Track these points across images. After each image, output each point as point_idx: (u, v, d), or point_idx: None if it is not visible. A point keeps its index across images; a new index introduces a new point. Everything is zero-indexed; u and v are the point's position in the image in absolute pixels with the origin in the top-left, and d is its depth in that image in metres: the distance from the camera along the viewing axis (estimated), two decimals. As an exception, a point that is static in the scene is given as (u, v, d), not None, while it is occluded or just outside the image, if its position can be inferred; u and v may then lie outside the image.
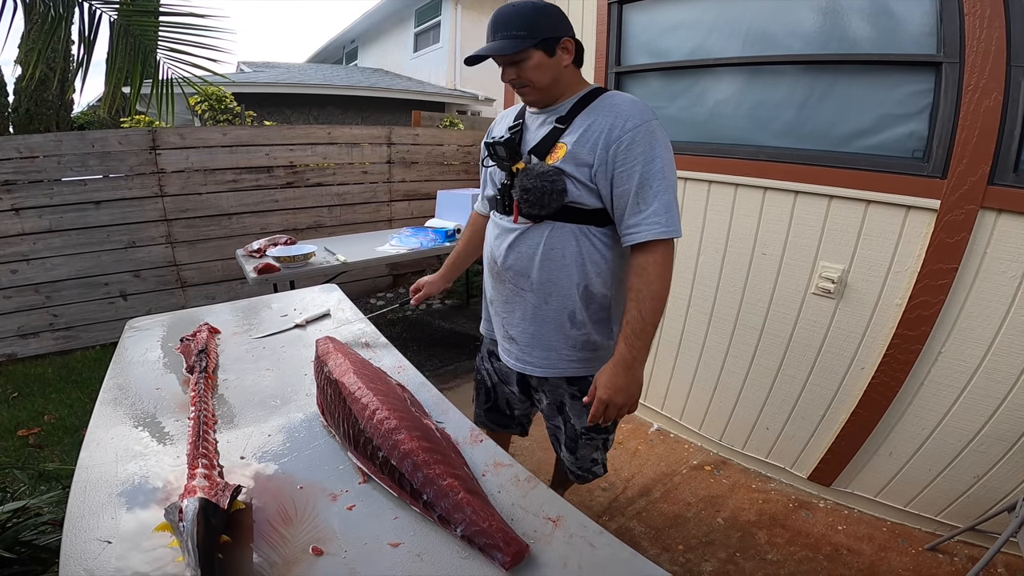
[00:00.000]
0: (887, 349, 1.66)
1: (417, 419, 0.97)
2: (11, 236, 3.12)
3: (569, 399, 1.30)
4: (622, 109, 1.08)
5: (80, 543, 0.76)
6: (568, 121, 1.12)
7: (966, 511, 1.66)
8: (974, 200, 1.44)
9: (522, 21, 1.07)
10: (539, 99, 1.16)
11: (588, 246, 1.14)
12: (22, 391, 2.93)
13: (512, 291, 1.24)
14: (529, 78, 1.11)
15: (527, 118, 1.23)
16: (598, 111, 1.10)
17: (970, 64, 1.41)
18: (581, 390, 1.26)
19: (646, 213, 1.05)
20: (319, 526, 0.79)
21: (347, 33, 11.99)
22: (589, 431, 1.33)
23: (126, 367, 1.34)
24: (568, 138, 1.11)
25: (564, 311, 1.19)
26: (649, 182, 1.04)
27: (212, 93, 5.09)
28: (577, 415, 1.30)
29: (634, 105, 1.09)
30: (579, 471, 1.42)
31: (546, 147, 1.14)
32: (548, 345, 1.22)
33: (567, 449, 1.38)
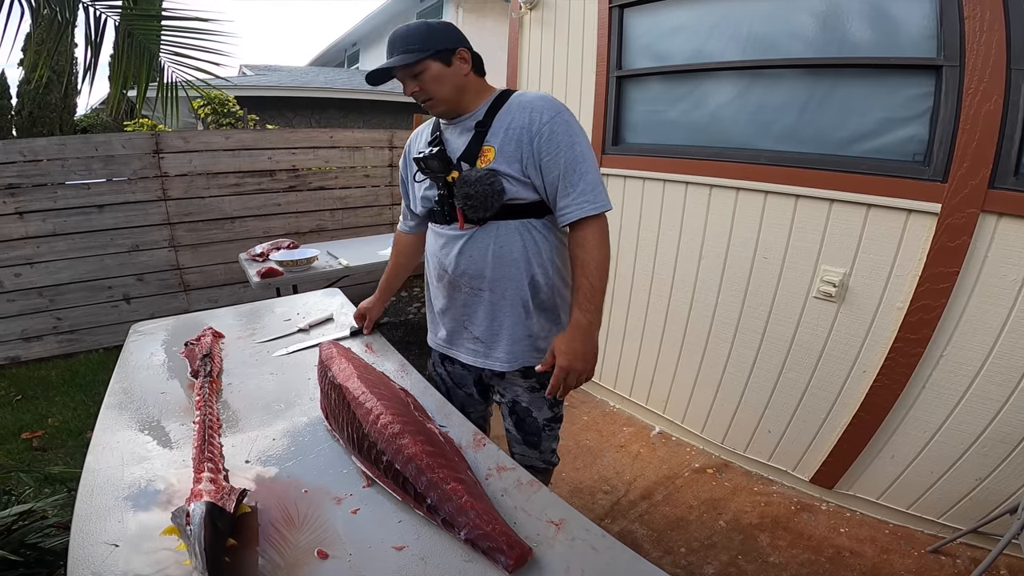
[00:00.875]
0: (889, 353, 1.66)
1: (421, 423, 0.98)
2: (15, 240, 3.14)
3: (526, 393, 1.35)
4: (536, 105, 1.14)
5: (88, 546, 0.77)
6: (487, 124, 1.17)
7: (969, 513, 1.66)
8: (975, 204, 1.44)
9: (415, 37, 1.13)
10: (447, 110, 1.20)
11: (530, 239, 1.21)
12: (25, 394, 2.95)
13: (469, 294, 1.27)
14: (430, 89, 1.15)
15: (444, 131, 1.26)
16: (513, 111, 1.16)
17: (970, 67, 1.41)
18: (540, 382, 1.31)
19: (575, 194, 1.12)
20: (324, 529, 0.80)
21: (349, 36, 12.03)
22: (550, 422, 1.39)
23: (131, 371, 1.35)
24: (493, 140, 1.16)
25: (518, 303, 1.24)
26: (573, 165, 1.12)
27: (215, 96, 5.11)
28: (538, 408, 1.36)
29: (544, 100, 1.15)
30: (543, 464, 1.46)
31: (473, 152, 1.17)
32: (511, 338, 1.26)
33: (529, 445, 1.43)
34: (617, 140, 2.35)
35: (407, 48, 1.12)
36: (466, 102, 1.20)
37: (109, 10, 2.02)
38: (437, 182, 1.23)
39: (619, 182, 2.35)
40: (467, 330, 1.32)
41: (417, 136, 1.36)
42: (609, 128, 2.34)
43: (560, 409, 1.41)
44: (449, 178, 1.19)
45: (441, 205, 1.23)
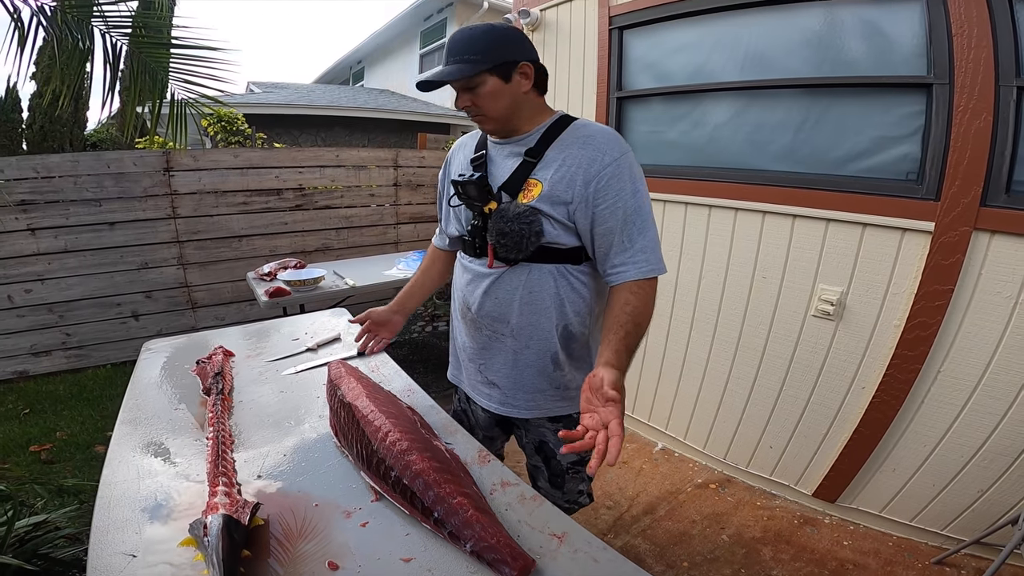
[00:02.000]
0: (887, 369, 1.69)
1: (427, 440, 1.01)
2: (26, 256, 3.18)
3: (553, 436, 1.24)
4: (598, 142, 1.02)
5: (105, 557, 0.79)
6: (539, 154, 1.06)
7: (972, 524, 1.67)
8: (967, 222, 1.48)
9: (477, 45, 1.00)
10: (497, 128, 1.09)
11: (566, 286, 1.10)
12: (33, 408, 2.98)
13: (490, 337, 1.18)
14: (484, 106, 1.03)
15: (491, 148, 1.15)
16: (571, 143, 1.04)
17: (959, 85, 1.45)
18: (566, 426, 1.17)
19: (632, 251, 1.01)
20: (334, 542, 0.82)
21: (354, 54, 12.22)
22: (575, 464, 1.29)
23: (144, 387, 1.38)
24: (542, 174, 1.04)
25: (546, 354, 1.14)
26: (633, 219, 1.00)
27: (224, 115, 5.20)
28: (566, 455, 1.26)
29: (609, 137, 1.04)
30: (566, 504, 1.37)
31: (518, 183, 1.06)
32: (532, 388, 1.18)
33: (552, 485, 1.33)
34: (618, 160, 2.38)
35: (467, 56, 1.00)
36: (520, 122, 1.09)
37: (125, 38, 2.10)
38: (473, 210, 1.13)
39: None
40: (482, 375, 1.24)
41: (460, 147, 1.25)
42: (610, 148, 2.38)
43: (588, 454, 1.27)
44: (487, 209, 1.08)
45: (473, 236, 1.13)
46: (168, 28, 2.35)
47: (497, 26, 1.04)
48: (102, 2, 1.92)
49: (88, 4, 1.89)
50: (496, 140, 1.14)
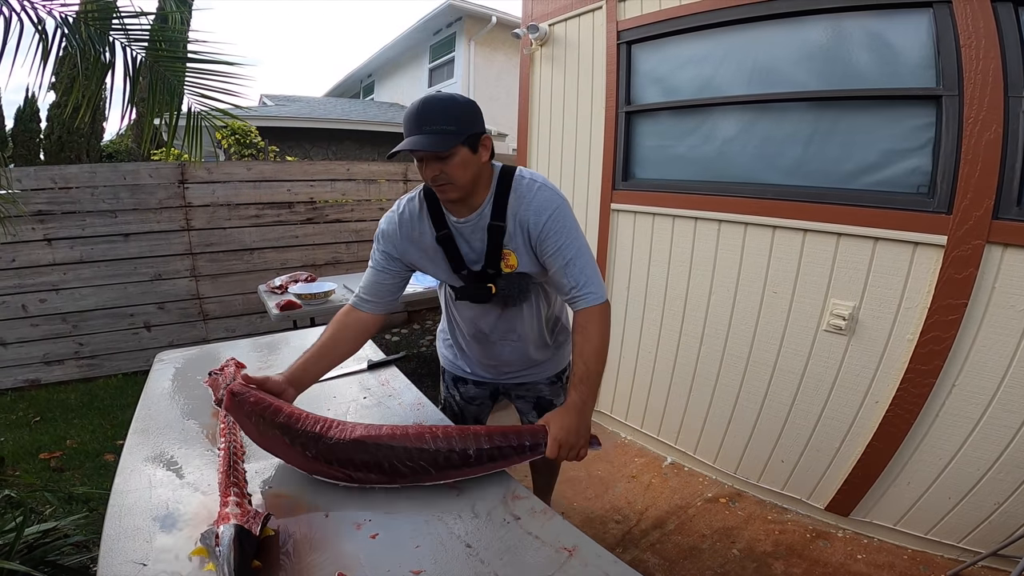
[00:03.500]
0: (900, 383, 1.66)
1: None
2: (42, 266, 3.24)
3: (548, 387, 1.54)
4: (533, 203, 1.16)
5: (116, 565, 0.80)
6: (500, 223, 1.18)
7: (989, 537, 1.64)
8: (980, 235, 1.46)
9: (450, 115, 1.05)
10: (459, 197, 1.13)
11: (544, 301, 1.37)
12: (44, 416, 3.01)
13: (501, 344, 1.41)
14: (454, 176, 1.08)
15: (454, 226, 1.21)
16: (518, 208, 1.17)
17: (969, 96, 1.45)
18: (558, 377, 1.54)
19: (578, 287, 1.18)
20: (344, 553, 0.83)
21: (364, 67, 12.40)
22: None
23: (156, 398, 1.40)
24: (511, 243, 1.20)
25: (541, 341, 1.43)
26: (573, 261, 1.17)
27: (238, 128, 5.28)
28: (557, 397, 1.56)
29: (542, 200, 1.16)
30: None
31: (495, 258, 1.21)
32: (536, 363, 1.48)
33: None
34: (627, 175, 2.40)
35: (439, 127, 1.04)
36: (477, 190, 1.16)
37: (143, 51, 2.15)
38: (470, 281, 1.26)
39: (629, 218, 2.40)
40: (496, 359, 1.46)
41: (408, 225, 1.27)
42: (619, 164, 2.40)
43: None
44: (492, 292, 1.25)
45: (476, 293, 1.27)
46: (184, 42, 2.40)
47: (462, 98, 1.12)
48: (123, 15, 1.97)
49: (108, 17, 1.94)
50: (458, 220, 1.20)
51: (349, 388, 1.45)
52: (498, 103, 8.47)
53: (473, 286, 1.25)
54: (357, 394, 1.42)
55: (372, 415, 1.29)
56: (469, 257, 1.24)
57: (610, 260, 2.50)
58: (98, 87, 1.97)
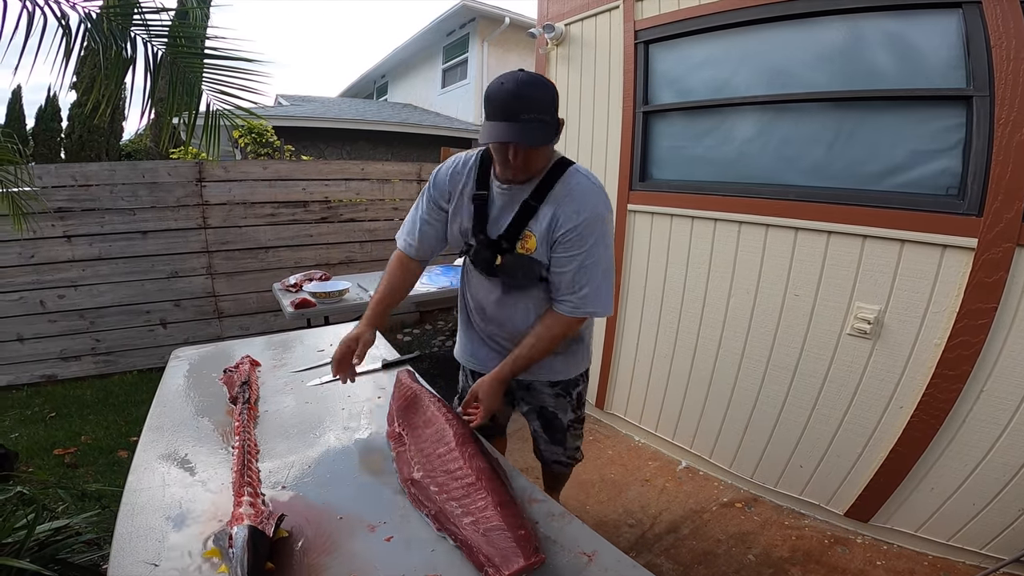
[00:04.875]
0: (926, 388, 1.62)
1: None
2: (61, 262, 3.28)
3: (552, 399, 1.49)
4: (577, 200, 1.14)
5: (127, 564, 0.79)
6: (537, 202, 1.16)
7: (1012, 543, 1.59)
8: (1011, 238, 1.42)
9: (546, 104, 1.03)
10: (526, 179, 1.16)
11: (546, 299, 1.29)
12: (60, 411, 3.04)
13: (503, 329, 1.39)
14: (535, 164, 1.11)
15: (494, 189, 1.23)
16: (561, 199, 1.15)
17: (1000, 97, 1.41)
18: (564, 389, 1.48)
19: (580, 294, 1.18)
20: (359, 555, 0.82)
21: (378, 68, 12.46)
22: (574, 423, 1.55)
23: (171, 395, 1.40)
24: (535, 226, 1.17)
25: None
26: (591, 267, 1.16)
27: (255, 127, 5.32)
28: (563, 411, 1.51)
29: (588, 196, 1.15)
30: (568, 459, 1.63)
31: (515, 233, 1.20)
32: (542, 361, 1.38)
33: (556, 443, 1.58)
34: (644, 176, 2.37)
35: (540, 116, 1.03)
36: None
37: (163, 47, 2.16)
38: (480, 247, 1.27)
39: (646, 219, 2.37)
40: (499, 354, 1.41)
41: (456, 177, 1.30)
42: (636, 164, 2.37)
43: (582, 412, 1.57)
44: (496, 263, 1.24)
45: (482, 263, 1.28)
46: (204, 38, 2.41)
47: (549, 82, 1.08)
48: (145, 11, 1.98)
49: (130, 12, 1.95)
50: (501, 186, 1.22)
51: (364, 388, 1.44)
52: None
53: (484, 250, 1.25)
54: (372, 393, 1.41)
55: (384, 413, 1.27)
56: (493, 224, 1.24)
57: (626, 262, 2.47)
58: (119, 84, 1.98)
